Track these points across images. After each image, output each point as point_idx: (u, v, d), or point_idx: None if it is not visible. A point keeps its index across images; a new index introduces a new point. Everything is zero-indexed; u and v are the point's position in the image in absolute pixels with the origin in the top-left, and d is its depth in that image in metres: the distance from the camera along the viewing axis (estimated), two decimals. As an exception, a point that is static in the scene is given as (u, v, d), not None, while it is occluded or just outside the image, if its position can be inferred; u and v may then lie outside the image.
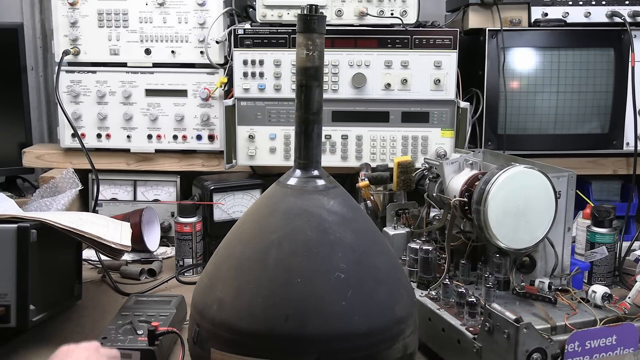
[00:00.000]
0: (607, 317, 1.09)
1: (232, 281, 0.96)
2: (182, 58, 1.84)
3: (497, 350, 0.99)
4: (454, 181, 1.29)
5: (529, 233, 1.19)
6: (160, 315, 1.23)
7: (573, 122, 1.81)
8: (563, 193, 1.26)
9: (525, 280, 1.23)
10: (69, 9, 1.82)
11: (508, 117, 1.79)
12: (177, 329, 1.15)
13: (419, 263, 1.27)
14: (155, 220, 1.78)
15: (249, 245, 0.98)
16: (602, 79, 1.79)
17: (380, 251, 1.02)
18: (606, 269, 1.50)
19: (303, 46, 0.99)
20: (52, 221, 1.20)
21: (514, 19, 1.82)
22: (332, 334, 0.90)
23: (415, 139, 1.78)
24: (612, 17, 1.80)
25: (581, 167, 1.78)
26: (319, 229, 0.96)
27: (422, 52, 1.74)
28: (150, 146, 1.88)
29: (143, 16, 1.82)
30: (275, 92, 1.77)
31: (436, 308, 1.17)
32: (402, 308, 0.97)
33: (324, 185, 1.02)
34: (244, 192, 1.76)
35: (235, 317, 0.92)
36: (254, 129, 1.79)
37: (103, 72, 1.85)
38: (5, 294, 1.13)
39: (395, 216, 1.44)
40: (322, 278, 0.93)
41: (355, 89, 1.76)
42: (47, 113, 2.29)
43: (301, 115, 1.02)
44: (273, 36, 1.75)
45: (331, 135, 1.79)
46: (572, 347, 0.99)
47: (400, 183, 1.44)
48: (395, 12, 1.72)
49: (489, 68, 1.79)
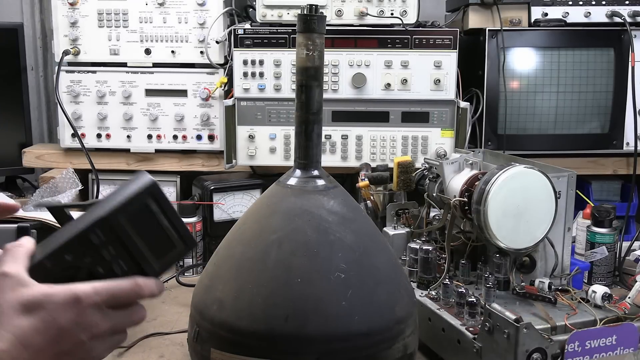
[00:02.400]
0: (607, 317, 1.09)
1: (232, 281, 0.96)
2: (182, 58, 1.84)
3: (497, 350, 0.99)
4: (454, 181, 1.29)
5: (529, 233, 1.19)
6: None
7: (573, 122, 1.81)
8: (563, 193, 1.26)
9: (525, 280, 1.23)
10: (69, 9, 1.82)
11: (508, 117, 1.79)
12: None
13: (419, 263, 1.27)
14: (155, 220, 1.78)
15: (249, 246, 0.98)
16: (602, 79, 1.79)
17: (380, 251, 1.02)
18: (606, 269, 1.50)
19: (303, 46, 0.99)
20: (52, 221, 1.20)
21: (514, 19, 1.82)
22: (332, 334, 0.90)
23: (415, 139, 1.78)
24: (612, 17, 1.80)
25: (581, 167, 1.78)
26: (319, 229, 0.96)
27: (422, 52, 1.74)
28: (150, 146, 1.88)
29: (143, 16, 1.82)
30: (275, 92, 1.77)
31: (436, 308, 1.17)
32: (402, 308, 0.97)
33: (324, 185, 1.02)
34: (244, 192, 1.76)
35: (235, 317, 0.92)
36: (254, 129, 1.79)
37: (103, 72, 1.85)
38: (5, 294, 1.12)
39: (395, 216, 1.44)
40: (322, 278, 0.93)
41: (355, 89, 1.76)
42: (47, 113, 2.29)
43: (301, 115, 1.02)
44: (273, 36, 1.75)
45: (331, 135, 1.79)
46: (572, 347, 0.99)
47: (400, 183, 1.44)
48: (395, 12, 1.72)
49: (489, 68, 1.79)
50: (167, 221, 0.73)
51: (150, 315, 1.37)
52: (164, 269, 0.74)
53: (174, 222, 0.74)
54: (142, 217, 0.72)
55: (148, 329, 1.30)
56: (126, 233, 0.71)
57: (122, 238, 0.71)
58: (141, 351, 1.22)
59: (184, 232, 0.74)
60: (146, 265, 0.72)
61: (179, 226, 0.74)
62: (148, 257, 0.72)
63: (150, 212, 0.72)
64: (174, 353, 1.21)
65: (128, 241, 0.71)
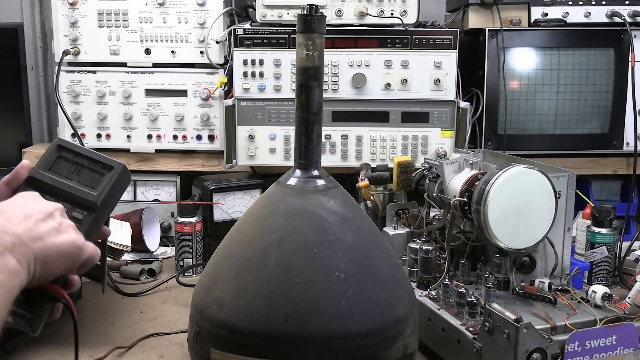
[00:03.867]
0: (607, 317, 1.09)
1: (232, 281, 0.96)
2: (182, 58, 1.84)
3: (497, 350, 0.99)
4: (454, 181, 1.29)
5: (529, 233, 1.19)
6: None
7: (573, 122, 1.81)
8: (563, 193, 1.26)
9: (525, 280, 1.23)
10: (69, 9, 1.82)
11: (508, 117, 1.79)
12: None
13: (419, 263, 1.27)
14: (155, 220, 1.78)
15: (249, 245, 0.98)
16: (602, 79, 1.79)
17: (380, 251, 1.02)
18: (606, 269, 1.50)
19: (303, 46, 0.99)
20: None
21: (514, 19, 1.82)
22: (332, 334, 0.90)
23: (415, 139, 1.78)
24: (612, 17, 1.80)
25: (581, 167, 1.78)
26: (319, 229, 0.96)
27: (422, 52, 1.74)
28: (150, 146, 1.88)
29: (143, 16, 1.82)
30: (275, 92, 1.77)
31: (436, 308, 1.17)
32: (402, 308, 0.97)
33: (324, 185, 1.02)
34: (244, 192, 1.76)
35: (235, 317, 0.92)
36: (254, 129, 1.79)
37: (103, 72, 1.85)
38: (5, 294, 1.12)
39: (395, 216, 1.44)
40: (322, 278, 0.93)
41: (355, 89, 1.76)
42: (47, 113, 2.29)
43: (301, 115, 1.02)
44: (273, 36, 1.75)
45: (331, 135, 1.79)
46: (572, 347, 0.99)
47: (400, 183, 1.44)
48: (395, 12, 1.72)
49: (489, 68, 1.79)
50: (85, 160, 0.89)
51: (150, 315, 1.38)
52: (104, 195, 0.87)
53: (91, 157, 0.89)
54: (60, 165, 0.88)
55: (148, 329, 1.30)
56: (53, 181, 0.87)
57: (52, 186, 0.86)
58: (141, 351, 1.22)
59: (104, 159, 0.89)
60: (84, 196, 0.87)
61: (97, 158, 0.89)
62: (83, 191, 0.87)
63: (65, 159, 0.89)
64: (174, 353, 1.21)
65: (58, 186, 0.87)
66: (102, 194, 0.87)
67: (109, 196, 0.88)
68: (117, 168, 0.89)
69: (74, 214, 0.85)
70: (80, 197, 0.86)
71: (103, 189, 0.88)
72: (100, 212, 0.88)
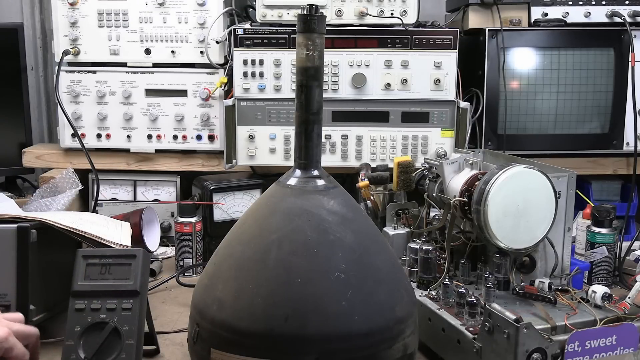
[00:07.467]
0: (607, 317, 1.09)
1: (232, 281, 0.96)
2: (182, 58, 1.84)
3: (497, 350, 0.99)
4: (454, 181, 1.29)
5: (529, 233, 1.19)
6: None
7: (573, 122, 1.81)
8: (563, 193, 1.26)
9: (525, 280, 1.23)
10: (69, 9, 1.82)
11: (508, 117, 1.79)
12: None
13: (419, 263, 1.27)
14: (155, 220, 1.78)
15: (249, 245, 0.98)
16: (602, 79, 1.79)
17: (380, 251, 1.02)
18: (606, 269, 1.50)
19: (303, 46, 0.99)
20: (52, 221, 1.21)
21: (514, 19, 1.82)
22: (332, 334, 0.90)
23: (415, 139, 1.78)
24: (612, 17, 1.80)
25: (581, 167, 1.78)
26: (319, 229, 0.96)
27: (422, 52, 1.74)
28: (150, 146, 1.88)
29: (143, 16, 1.82)
30: (275, 92, 1.77)
31: (436, 308, 1.17)
32: (402, 308, 0.97)
33: (324, 185, 1.02)
34: (244, 192, 1.76)
35: (235, 317, 0.92)
36: (254, 129, 1.79)
37: (103, 72, 1.85)
38: (5, 294, 1.13)
39: (395, 216, 1.45)
40: (322, 278, 0.93)
41: (355, 89, 1.76)
42: (47, 113, 2.29)
43: (301, 115, 1.02)
44: (273, 36, 1.75)
45: (331, 135, 1.79)
46: (572, 347, 0.99)
47: (400, 183, 1.45)
48: (395, 12, 1.72)
49: (489, 68, 1.79)
50: (110, 258, 1.07)
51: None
52: (139, 280, 1.04)
53: (113, 255, 1.08)
54: (92, 271, 1.06)
55: (148, 329, 1.30)
56: (93, 287, 1.04)
57: (96, 291, 1.03)
58: (141, 351, 1.22)
59: (125, 252, 1.08)
60: (124, 289, 1.04)
61: (119, 253, 1.08)
62: (122, 284, 1.04)
63: (94, 265, 1.07)
64: (174, 353, 1.21)
65: (100, 289, 1.04)
66: (137, 280, 1.05)
67: (143, 279, 1.06)
68: (139, 255, 1.07)
69: (123, 304, 1.02)
70: (121, 290, 1.03)
71: (136, 276, 1.05)
72: (142, 295, 1.05)
